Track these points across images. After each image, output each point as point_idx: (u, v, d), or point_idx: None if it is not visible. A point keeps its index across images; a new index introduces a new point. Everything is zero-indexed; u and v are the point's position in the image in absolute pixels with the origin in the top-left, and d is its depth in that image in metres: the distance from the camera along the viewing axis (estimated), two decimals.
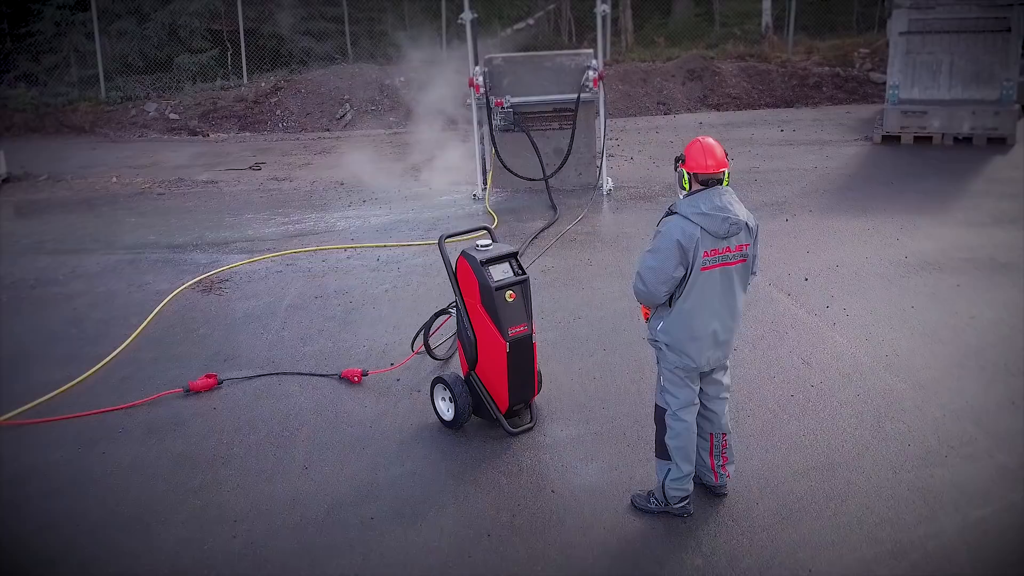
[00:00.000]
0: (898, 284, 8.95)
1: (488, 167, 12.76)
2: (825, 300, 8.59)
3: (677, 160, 5.24)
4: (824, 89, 18.88)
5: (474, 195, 12.60)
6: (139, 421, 6.89)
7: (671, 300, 5.19)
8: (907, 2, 13.99)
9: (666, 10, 25.13)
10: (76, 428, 6.80)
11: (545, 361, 7.39)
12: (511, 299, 6.25)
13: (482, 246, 6.40)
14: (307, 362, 7.79)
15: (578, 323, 8.34)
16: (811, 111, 18.01)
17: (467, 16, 11.99)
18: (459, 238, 7.21)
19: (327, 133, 18.24)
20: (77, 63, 20.40)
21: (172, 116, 18.94)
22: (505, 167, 12.32)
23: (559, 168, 12.30)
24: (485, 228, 6.86)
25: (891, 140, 14.59)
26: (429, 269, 9.83)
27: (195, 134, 18.41)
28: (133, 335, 8.42)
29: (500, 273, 6.29)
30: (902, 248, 9.88)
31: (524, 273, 6.39)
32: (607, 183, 12.56)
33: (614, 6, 21.61)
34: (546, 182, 12.25)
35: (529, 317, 6.36)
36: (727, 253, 5.11)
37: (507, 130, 12.31)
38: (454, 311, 6.62)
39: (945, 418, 6.42)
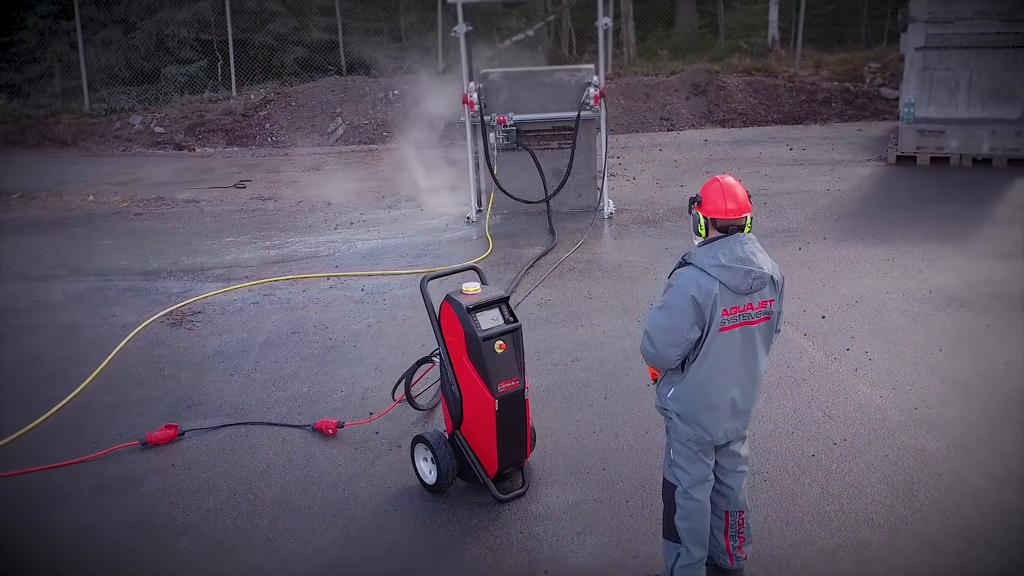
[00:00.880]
0: (923, 323, 8.25)
1: (479, 188, 12.08)
2: (845, 341, 7.90)
3: (692, 201, 4.57)
4: (833, 105, 18.20)
5: (468, 217, 11.92)
6: (89, 479, 6.22)
7: (684, 364, 4.50)
8: (924, 16, 13.30)
9: (669, 21, 24.46)
10: (18, 486, 6.13)
11: (540, 411, 6.74)
12: (501, 350, 5.56)
13: (469, 289, 5.70)
14: (279, 409, 7.10)
15: (576, 366, 7.64)
16: (820, 128, 17.31)
17: (461, 29, 11.33)
18: (445, 278, 6.46)
19: (317, 148, 17.55)
20: (61, 73, 19.73)
21: (157, 129, 18.26)
22: (501, 189, 11.64)
23: (558, 190, 11.62)
24: (473, 267, 6.16)
25: (906, 160, 13.89)
26: (416, 301, 9.08)
27: (181, 148, 17.73)
28: (91, 377, 7.74)
29: (489, 321, 5.60)
30: (925, 282, 9.19)
31: (516, 320, 5.70)
32: (608, 206, 11.88)
33: (616, 17, 20.96)
34: (547, 205, 11.57)
35: (521, 369, 5.67)
36: (749, 311, 4.43)
37: (510, 149, 11.63)
38: (438, 360, 5.91)
39: (986, 486, 5.73)
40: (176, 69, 19.82)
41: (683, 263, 4.52)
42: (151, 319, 8.97)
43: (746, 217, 4.45)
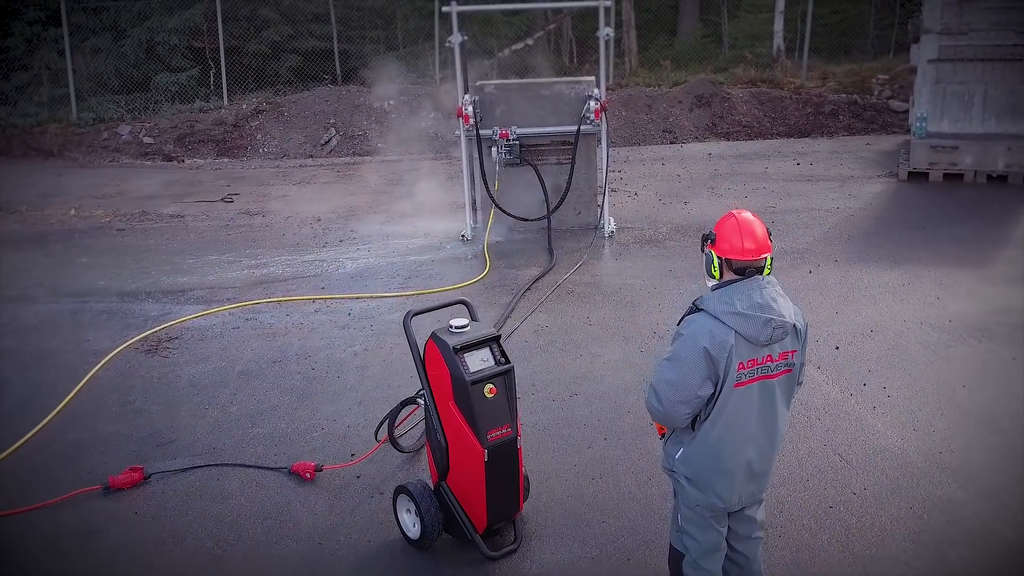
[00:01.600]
0: (943, 355, 7.75)
1: (475, 205, 11.59)
2: (861, 375, 7.40)
3: (704, 239, 4.07)
4: (841, 118, 17.70)
5: (463, 235, 11.42)
6: (45, 528, 5.72)
7: (694, 421, 4.00)
8: (937, 27, 12.81)
9: (672, 30, 23.99)
10: None
11: (535, 453, 6.25)
12: (491, 394, 5.06)
13: (456, 327, 5.20)
14: (254, 448, 6.61)
15: (575, 401, 7.14)
16: (828, 142, 16.82)
17: (456, 39, 10.84)
18: (432, 312, 5.93)
19: (310, 160, 17.06)
20: (49, 81, 19.23)
21: (146, 140, 17.76)
22: (497, 206, 11.16)
23: (557, 207, 11.14)
24: (462, 301, 5.65)
25: (918, 177, 13.39)
26: None
27: (170, 159, 17.22)
28: (56, 410, 7.24)
29: (478, 362, 5.09)
30: (943, 309, 8.69)
31: (508, 361, 5.19)
32: (609, 224, 11.38)
33: (617, 26, 20.46)
34: (548, 224, 11.09)
35: (513, 415, 5.17)
36: (768, 363, 3.94)
37: (513, 164, 11.13)
38: (423, 401, 5.41)
39: (1021, 543, 5.23)
40: (166, 77, 19.32)
41: (694, 309, 4.02)
42: (124, 345, 8.47)
43: (765, 258, 3.96)
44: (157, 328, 8.88)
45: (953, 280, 9.40)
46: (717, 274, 4.01)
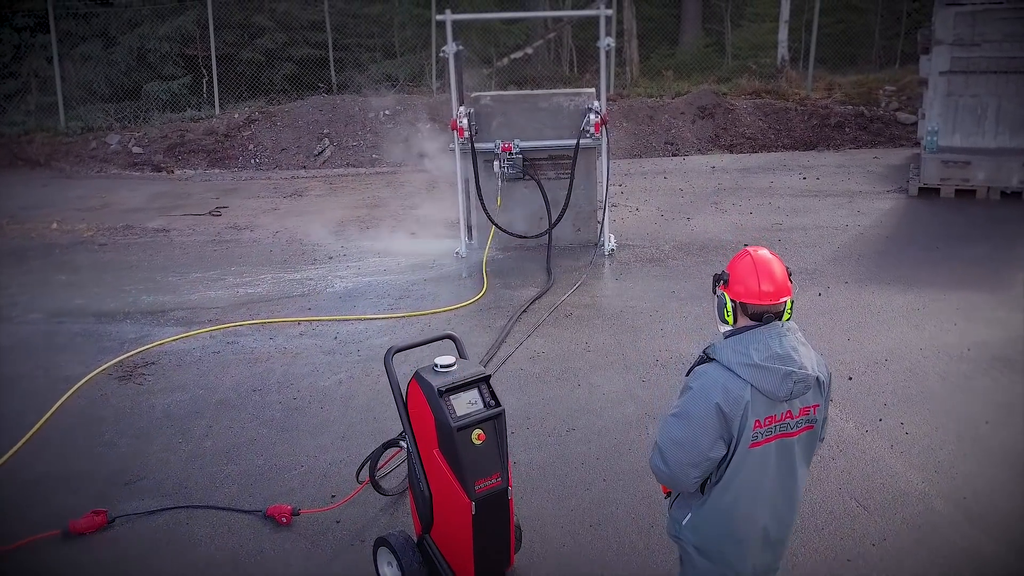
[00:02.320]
0: (963, 388, 7.31)
1: (469, 221, 11.15)
2: (877, 409, 6.96)
3: (716, 280, 3.63)
4: (847, 130, 17.25)
5: (457, 252, 10.98)
6: None
7: (704, 484, 3.56)
8: (949, 37, 12.38)
9: (673, 39, 23.56)
10: None
11: (529, 494, 5.82)
12: (479, 441, 4.61)
13: (442, 366, 4.75)
14: (228, 488, 6.16)
15: (572, 437, 6.69)
16: (834, 155, 16.37)
17: (450, 49, 10.40)
18: (417, 346, 5.46)
19: (302, 171, 16.61)
20: (38, 89, 18.79)
21: (135, 149, 17.31)
22: (492, 222, 10.72)
23: (555, 223, 10.70)
24: (449, 337, 5.20)
25: (929, 193, 12.95)
26: None
27: (159, 170, 16.78)
28: (19, 443, 6.79)
29: (465, 405, 4.65)
30: (961, 336, 8.24)
31: (498, 404, 4.74)
32: (609, 241, 10.94)
33: (618, 35, 20.05)
34: (549, 241, 10.66)
35: (504, 463, 4.73)
36: (788, 420, 3.50)
37: (516, 179, 10.70)
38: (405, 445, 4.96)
39: None
40: (157, 85, 18.89)
41: (704, 358, 3.57)
42: (96, 371, 8.02)
43: (785, 302, 3.51)
44: (133, 352, 8.43)
45: (970, 304, 8.96)
46: (731, 319, 3.57)
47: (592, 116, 10.40)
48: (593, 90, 11.04)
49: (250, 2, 19.96)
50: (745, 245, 3.73)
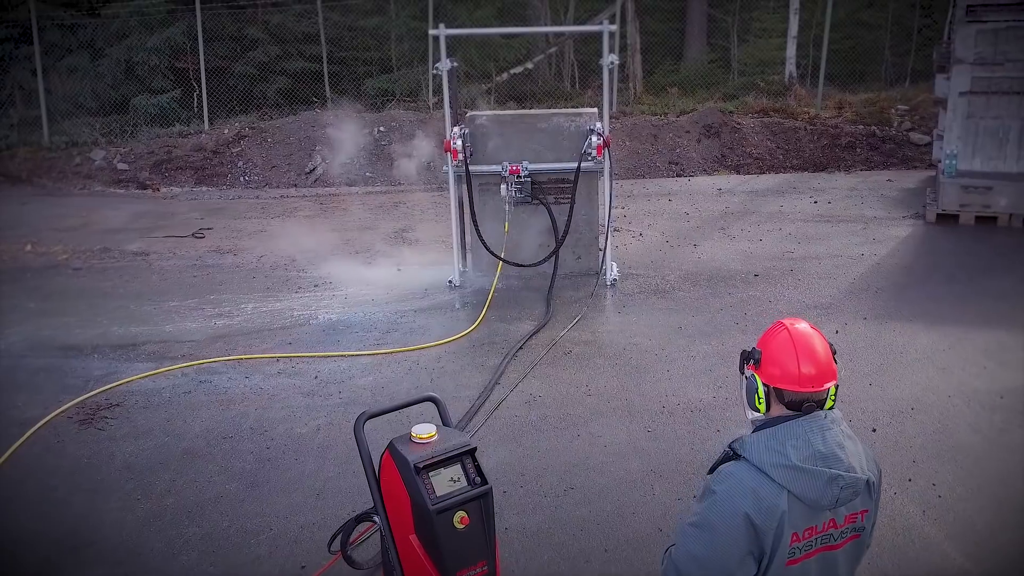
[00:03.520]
0: (999, 443, 6.66)
1: (463, 247, 10.54)
2: (905, 466, 6.31)
3: (745, 358, 2.99)
4: (858, 151, 16.63)
5: (450, 281, 10.35)
6: None
7: None
8: (971, 56, 11.77)
9: (678, 55, 22.94)
10: None
11: (522, 564, 5.22)
12: (463, 525, 3.99)
13: (420, 436, 4.12)
14: (187, 555, 5.52)
15: (570, 498, 6.05)
16: (845, 177, 15.75)
17: (443, 66, 9.80)
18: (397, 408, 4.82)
19: (293, 190, 16.00)
20: (22, 102, 18.20)
21: (120, 166, 16.71)
22: (488, 250, 10.11)
23: (555, 251, 10.10)
24: (430, 399, 4.57)
25: (947, 219, 12.31)
26: (379, 395, 7.58)
27: (144, 187, 16.18)
28: None
29: (446, 484, 4.03)
30: (992, 381, 7.60)
31: (485, 481, 4.12)
32: (611, 270, 10.31)
33: (622, 49, 19.43)
34: (554, 270, 10.05)
35: (491, 549, 4.10)
36: (831, 530, 2.88)
37: (524, 203, 10.15)
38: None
39: None
40: (146, 99, 18.29)
41: (731, 454, 2.94)
42: (55, 413, 7.39)
43: (829, 388, 2.88)
44: (97, 391, 7.80)
45: (999, 345, 8.32)
46: (763, 407, 2.93)
47: (594, 138, 9.80)
48: (595, 110, 10.44)
49: (243, 13, 19.38)
50: (780, 321, 3.09)
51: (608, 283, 10.17)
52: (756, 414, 2.99)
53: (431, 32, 10.25)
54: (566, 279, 10.28)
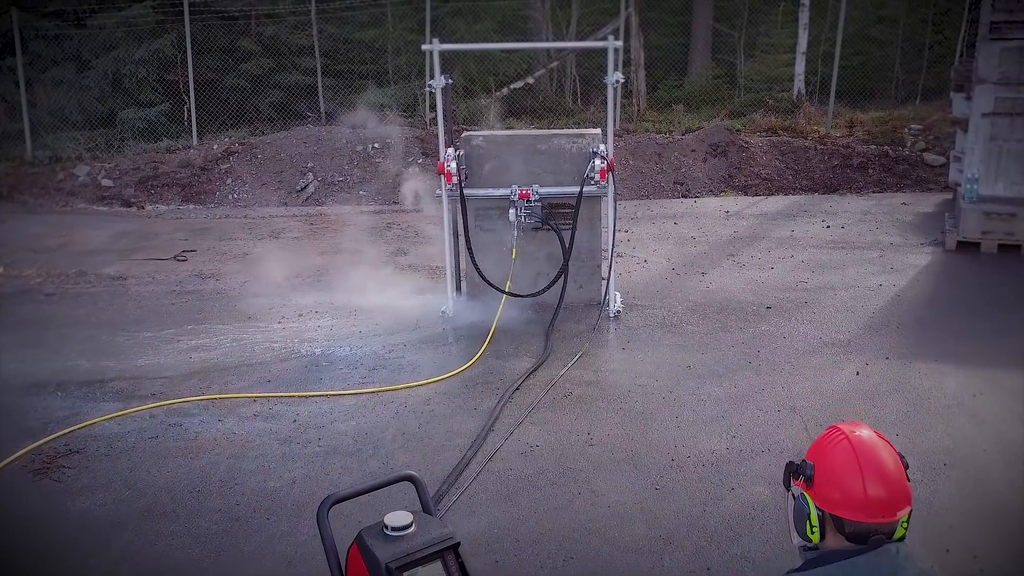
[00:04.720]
0: None
1: (457, 275, 9.95)
2: (941, 534, 5.67)
3: (792, 472, 2.37)
4: (871, 172, 16.00)
5: (443, 311, 9.74)
6: None
7: None
8: (994, 76, 11.17)
9: (682, 70, 22.37)
10: None
11: None
12: None
13: (394, 528, 3.47)
14: None
15: (570, 569, 5.42)
16: (858, 200, 15.13)
17: (437, 83, 9.21)
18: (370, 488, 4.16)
19: (283, 209, 15.39)
20: (5, 115, 17.61)
21: (105, 182, 16.11)
22: (485, 280, 9.51)
23: (554, 281, 9.51)
24: (408, 478, 3.92)
25: (967, 247, 11.68)
26: (363, 443, 6.95)
27: (129, 205, 15.58)
28: None
29: None
30: None
31: None
32: (615, 300, 9.70)
33: (625, 64, 18.83)
34: (559, 302, 9.48)
35: None
36: None
37: (536, 228, 9.58)
38: None
39: None
40: (133, 113, 17.69)
41: None
42: (8, 460, 6.77)
43: (900, 517, 2.26)
44: (56, 435, 7.18)
45: None
46: (815, 537, 2.31)
47: (597, 161, 9.20)
48: (598, 131, 9.85)
49: (236, 25, 18.80)
50: (834, 428, 2.47)
51: (611, 315, 9.56)
52: (806, 544, 2.37)
53: (423, 47, 9.68)
54: (566, 310, 9.66)
